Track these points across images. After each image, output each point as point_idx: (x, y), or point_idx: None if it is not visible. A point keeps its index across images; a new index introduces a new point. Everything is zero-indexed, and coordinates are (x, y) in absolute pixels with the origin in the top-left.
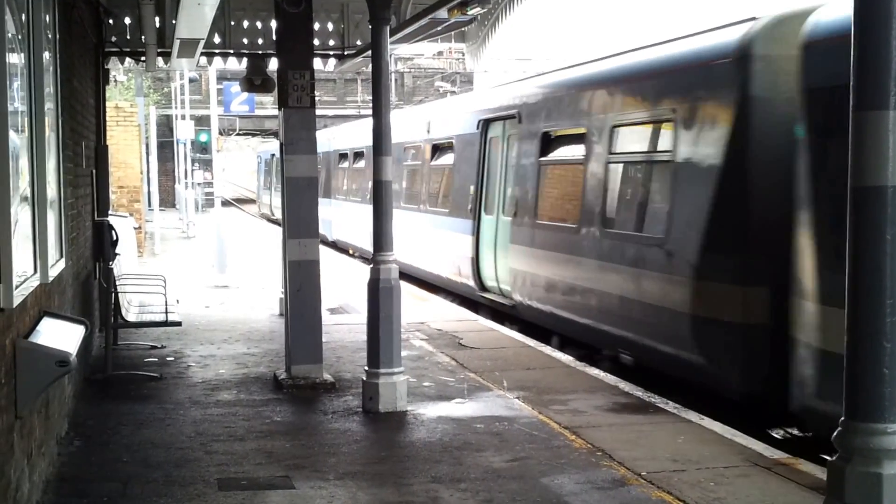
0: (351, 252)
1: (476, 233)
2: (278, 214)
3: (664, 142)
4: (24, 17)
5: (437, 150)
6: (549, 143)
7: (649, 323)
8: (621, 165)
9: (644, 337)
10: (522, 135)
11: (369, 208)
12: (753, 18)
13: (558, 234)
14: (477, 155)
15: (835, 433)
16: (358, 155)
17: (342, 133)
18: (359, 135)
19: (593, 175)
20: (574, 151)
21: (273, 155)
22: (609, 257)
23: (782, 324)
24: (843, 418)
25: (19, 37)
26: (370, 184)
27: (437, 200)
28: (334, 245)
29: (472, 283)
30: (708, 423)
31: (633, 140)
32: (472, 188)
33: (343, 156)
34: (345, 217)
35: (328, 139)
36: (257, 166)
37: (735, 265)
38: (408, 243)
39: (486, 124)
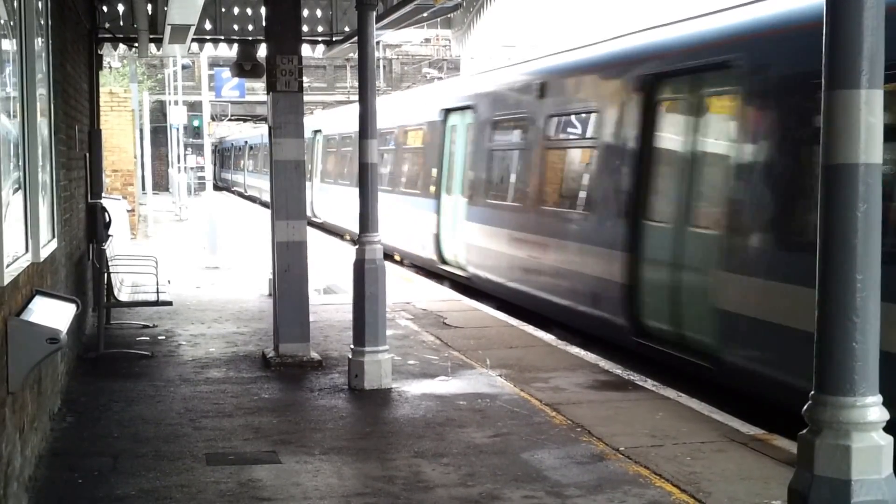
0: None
1: None
2: (220, 183)
3: None
4: (15, 3)
5: None
6: None
7: None
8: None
9: None
10: None
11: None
12: None
13: None
14: None
15: (805, 406)
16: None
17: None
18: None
19: None
20: None
21: (219, 146)
22: None
23: None
24: (813, 392)
25: (11, 23)
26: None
27: None
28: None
29: None
30: (686, 400)
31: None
32: None
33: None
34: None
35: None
36: (212, 151)
37: None
38: None
39: None
